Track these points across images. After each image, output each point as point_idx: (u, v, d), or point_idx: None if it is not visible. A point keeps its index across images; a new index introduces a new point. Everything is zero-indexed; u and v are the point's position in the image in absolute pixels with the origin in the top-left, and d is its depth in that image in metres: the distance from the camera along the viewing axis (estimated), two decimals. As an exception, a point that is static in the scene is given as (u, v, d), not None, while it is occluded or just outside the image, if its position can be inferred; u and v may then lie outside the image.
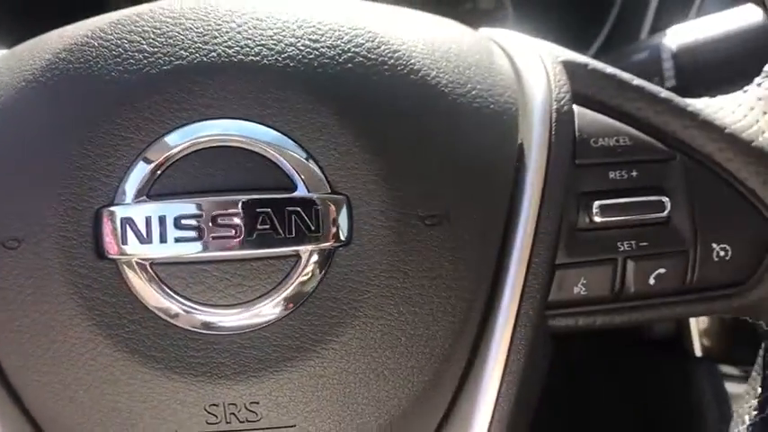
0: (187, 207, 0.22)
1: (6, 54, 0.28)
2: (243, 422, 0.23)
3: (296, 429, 0.24)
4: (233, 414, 0.23)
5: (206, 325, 0.23)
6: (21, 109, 0.24)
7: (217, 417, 0.23)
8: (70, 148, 0.23)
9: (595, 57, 0.50)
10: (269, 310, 0.23)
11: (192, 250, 0.22)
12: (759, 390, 0.30)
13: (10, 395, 0.24)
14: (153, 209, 0.22)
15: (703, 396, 0.59)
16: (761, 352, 0.31)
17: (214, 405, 0.23)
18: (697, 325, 0.60)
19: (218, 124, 0.23)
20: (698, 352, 0.59)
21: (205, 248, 0.22)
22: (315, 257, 0.23)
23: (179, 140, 0.23)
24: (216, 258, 0.23)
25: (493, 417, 0.25)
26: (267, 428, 0.23)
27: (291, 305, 0.23)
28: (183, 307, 0.23)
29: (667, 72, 0.42)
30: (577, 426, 0.68)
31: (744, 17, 0.40)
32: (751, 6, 0.41)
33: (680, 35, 0.43)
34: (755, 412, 0.30)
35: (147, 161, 0.23)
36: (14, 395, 0.25)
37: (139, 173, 0.23)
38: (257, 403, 0.23)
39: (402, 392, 0.24)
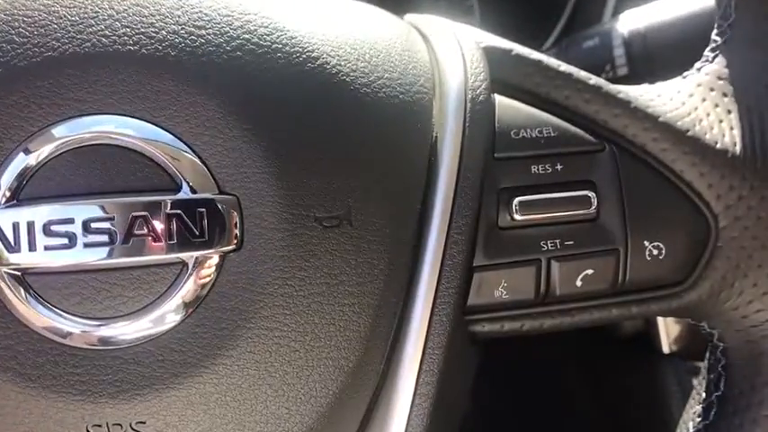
0: (56, 212, 0.20)
1: None
2: None
3: None
4: None
5: (85, 339, 0.21)
6: None
7: None
8: None
9: (555, 43, 0.48)
10: (152, 323, 0.21)
11: (63, 259, 0.20)
12: (704, 395, 0.29)
13: None
14: (20, 214, 0.20)
15: (670, 391, 0.58)
16: (707, 355, 0.29)
17: (97, 426, 0.21)
18: (665, 324, 0.59)
19: (92, 121, 0.21)
20: (665, 349, 0.58)
21: (77, 257, 0.20)
22: (202, 264, 0.21)
23: (49, 141, 0.21)
24: (90, 267, 0.21)
25: None
26: None
27: (177, 317, 0.21)
28: (60, 320, 0.21)
29: (619, 59, 0.40)
30: (550, 419, 0.67)
31: (696, 1, 0.38)
32: (704, -10, 0.39)
33: (632, 21, 0.41)
34: (699, 419, 0.28)
35: (15, 164, 0.21)
36: None
37: (7, 178, 0.21)
38: (144, 423, 0.21)
39: (306, 410, 0.22)
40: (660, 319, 0.58)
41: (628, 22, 0.42)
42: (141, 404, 0.21)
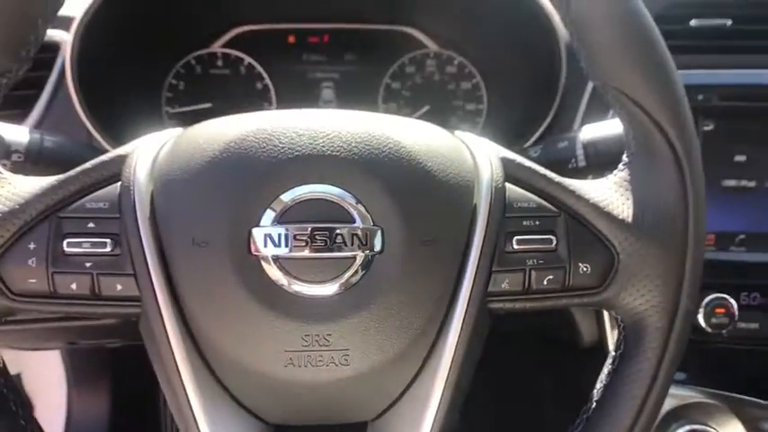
0: (300, 229, 0.43)
1: (186, 133, 0.48)
2: (321, 345, 0.43)
3: (350, 350, 0.44)
4: (316, 341, 0.43)
5: (303, 292, 0.43)
6: (207, 172, 0.44)
7: (307, 342, 0.43)
8: (236, 198, 0.43)
9: (537, 141, 0.72)
10: (336, 287, 0.43)
11: (302, 252, 0.43)
12: (612, 353, 0.50)
13: (191, 339, 0.44)
14: (281, 229, 0.43)
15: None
16: (616, 329, 0.51)
17: (307, 335, 0.43)
18: (612, 336, 0.81)
19: (313, 187, 0.43)
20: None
21: (308, 251, 0.43)
22: (363, 259, 0.43)
23: (293, 194, 0.43)
24: (313, 257, 0.43)
25: (454, 357, 0.45)
26: (334, 350, 0.43)
27: (347, 285, 0.43)
28: (291, 281, 0.43)
29: (579, 156, 0.64)
30: (528, 406, 0.87)
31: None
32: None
33: (590, 132, 0.65)
34: (610, 366, 0.49)
35: (272, 209, 0.43)
36: (194, 339, 0.44)
37: (270, 214, 0.43)
38: (330, 335, 0.43)
39: (403, 337, 0.44)
40: (608, 333, 0.80)
41: (587, 133, 0.65)
42: (329, 326, 0.43)
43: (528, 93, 0.85)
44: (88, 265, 0.43)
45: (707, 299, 0.77)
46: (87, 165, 0.45)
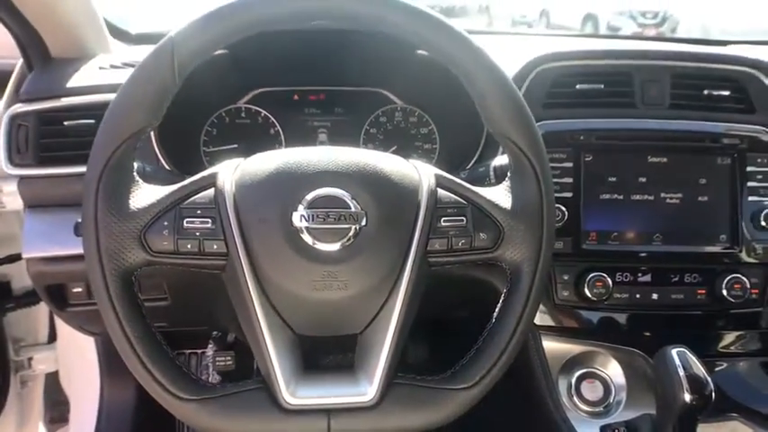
0: (319, 212, 0.76)
1: (249, 160, 0.81)
2: (332, 277, 0.75)
3: (348, 281, 0.77)
4: (329, 274, 0.75)
5: (318, 248, 0.76)
6: (266, 182, 0.77)
7: (324, 275, 0.76)
8: (283, 196, 0.76)
9: (470, 168, 1.09)
10: (338, 245, 0.76)
11: (321, 224, 0.76)
12: (503, 289, 0.84)
13: (257, 278, 0.77)
14: (309, 211, 0.76)
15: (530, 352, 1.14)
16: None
17: (325, 271, 0.76)
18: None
19: (325, 190, 0.77)
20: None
21: (324, 224, 0.76)
22: (356, 230, 0.77)
23: (315, 194, 0.76)
24: (327, 228, 0.76)
25: (406, 289, 0.78)
26: (339, 280, 0.76)
27: (344, 245, 0.76)
28: (315, 241, 0.75)
29: (491, 176, 0.98)
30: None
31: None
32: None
33: (497, 161, 0.99)
34: (502, 298, 0.84)
35: (304, 201, 0.76)
36: (258, 278, 0.77)
37: (303, 204, 0.76)
38: (338, 271, 0.76)
39: (378, 274, 0.77)
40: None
41: (497, 161, 1.00)
42: (335, 266, 0.76)
43: (466, 137, 1.20)
44: (197, 234, 0.76)
45: (590, 275, 1.11)
46: (195, 177, 0.79)
